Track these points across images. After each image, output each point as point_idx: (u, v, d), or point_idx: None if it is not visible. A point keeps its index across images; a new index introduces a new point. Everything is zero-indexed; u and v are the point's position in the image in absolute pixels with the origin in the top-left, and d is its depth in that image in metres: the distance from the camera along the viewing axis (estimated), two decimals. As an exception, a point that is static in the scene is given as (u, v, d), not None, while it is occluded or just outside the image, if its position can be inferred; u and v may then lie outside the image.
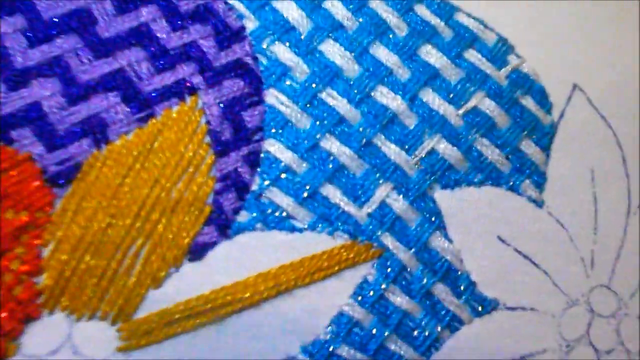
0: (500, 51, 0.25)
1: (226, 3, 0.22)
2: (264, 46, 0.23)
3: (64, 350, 0.20)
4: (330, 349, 0.22)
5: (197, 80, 0.22)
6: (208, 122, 0.22)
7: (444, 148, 0.24)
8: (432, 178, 0.24)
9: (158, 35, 0.21)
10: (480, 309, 0.23)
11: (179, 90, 0.21)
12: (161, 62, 0.21)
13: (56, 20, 0.21)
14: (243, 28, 0.22)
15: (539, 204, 0.25)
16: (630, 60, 0.27)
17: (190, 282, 0.21)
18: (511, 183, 0.24)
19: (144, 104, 0.21)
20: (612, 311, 0.25)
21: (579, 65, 0.26)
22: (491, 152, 0.24)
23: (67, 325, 0.20)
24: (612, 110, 0.26)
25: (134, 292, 0.21)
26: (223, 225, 0.21)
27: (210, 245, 0.21)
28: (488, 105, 0.25)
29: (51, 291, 0.20)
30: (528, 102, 0.25)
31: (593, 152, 0.26)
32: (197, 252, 0.21)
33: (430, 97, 0.24)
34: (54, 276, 0.20)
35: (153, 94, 0.21)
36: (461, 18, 0.25)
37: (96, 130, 0.21)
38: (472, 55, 0.25)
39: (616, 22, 0.27)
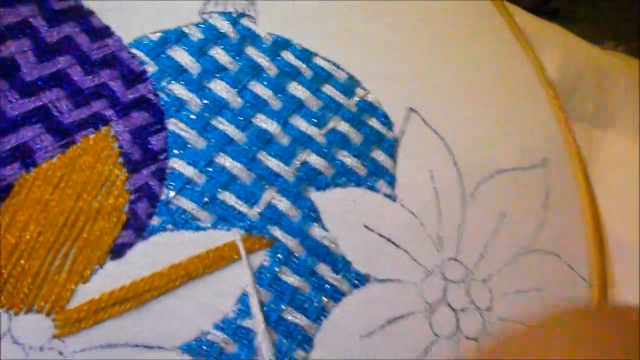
0: (350, 85, 0.32)
1: (129, 52, 0.28)
2: (163, 85, 0.28)
3: (5, 341, 0.23)
4: (238, 322, 0.26)
5: (109, 113, 0.27)
6: (120, 146, 0.27)
7: (314, 159, 0.30)
8: (307, 182, 0.29)
9: (74, 78, 0.26)
10: (356, 282, 0.29)
11: (94, 122, 0.26)
12: (78, 99, 0.26)
13: (-15, 69, 0.25)
14: (145, 71, 0.28)
15: (392, 198, 0.31)
16: (450, 84, 0.35)
17: (113, 276, 0.25)
18: (369, 183, 0.31)
19: (65, 133, 0.26)
20: (461, 277, 0.31)
21: (412, 93, 0.34)
22: (350, 161, 0.31)
23: (6, 319, 0.23)
24: (441, 125, 0.34)
25: (65, 287, 0.24)
26: (139, 229, 0.26)
27: (129, 245, 0.25)
28: (343, 126, 0.31)
29: (-10, 292, 0.23)
30: (374, 123, 0.32)
31: (430, 157, 0.33)
32: (118, 251, 0.25)
33: (299, 122, 0.31)
34: (-8, 279, 0.23)
35: (72, 125, 0.26)
36: (318, 61, 0.32)
37: (25, 156, 0.25)
38: (328, 89, 0.32)
39: (440, 59, 0.36)
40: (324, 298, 0.28)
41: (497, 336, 0.31)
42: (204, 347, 0.25)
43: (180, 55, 0.29)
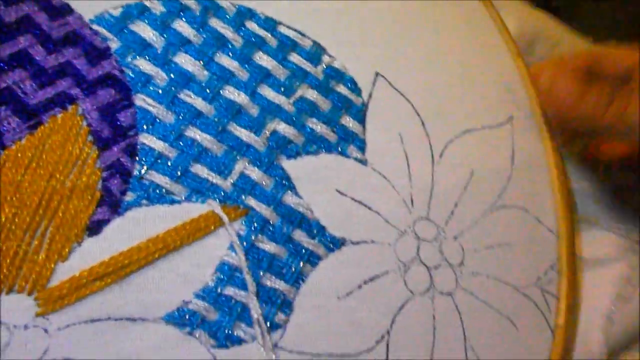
0: (316, 53, 0.33)
1: (91, 29, 0.28)
2: (128, 60, 0.28)
3: (-13, 322, 0.23)
4: (218, 290, 0.27)
5: (75, 91, 0.26)
6: (89, 125, 0.27)
7: (283, 128, 0.30)
8: (277, 151, 0.30)
9: (36, 58, 0.26)
10: (331, 246, 0.29)
11: (61, 101, 0.26)
12: (42, 79, 0.26)
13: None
14: (108, 48, 0.28)
15: (363, 162, 0.32)
16: (416, 47, 0.35)
17: (92, 253, 0.25)
18: (340, 149, 0.31)
19: (31, 114, 0.26)
20: (433, 236, 0.32)
21: (378, 58, 0.34)
22: (320, 128, 0.31)
23: (-12, 300, 0.23)
24: (408, 88, 0.34)
25: (45, 267, 0.24)
26: (114, 205, 0.26)
27: (105, 222, 0.26)
28: (311, 94, 0.32)
29: (-31, 275, 0.23)
30: (342, 89, 0.33)
31: (399, 120, 0.33)
32: (95, 228, 0.26)
33: (267, 92, 0.31)
34: (-30, 262, 0.23)
35: (38, 106, 0.26)
36: (283, 29, 0.32)
37: (-8, 139, 0.25)
38: (295, 58, 0.32)
39: (405, 23, 0.36)
40: (301, 263, 0.28)
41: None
42: (186, 316, 0.26)
43: (144, 29, 0.29)
